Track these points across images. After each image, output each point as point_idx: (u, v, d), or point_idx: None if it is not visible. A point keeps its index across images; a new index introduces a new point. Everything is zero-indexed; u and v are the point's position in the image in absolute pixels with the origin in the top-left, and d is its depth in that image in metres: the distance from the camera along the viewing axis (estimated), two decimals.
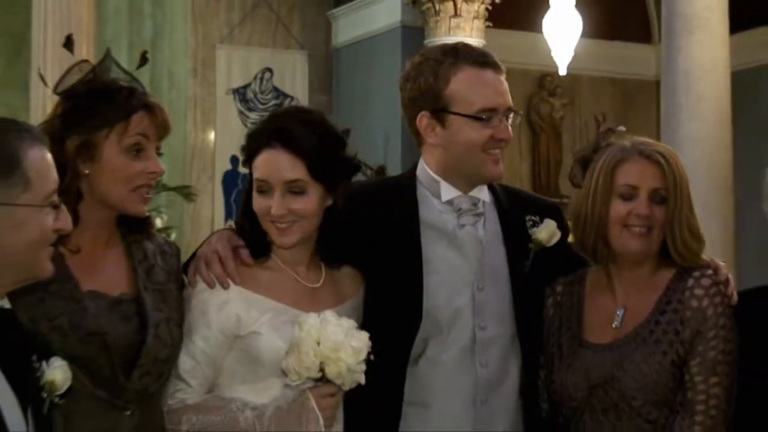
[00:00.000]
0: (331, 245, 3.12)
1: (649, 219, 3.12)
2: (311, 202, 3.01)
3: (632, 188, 3.12)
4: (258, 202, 3.03)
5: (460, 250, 3.24)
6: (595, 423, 3.12)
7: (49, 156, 2.39)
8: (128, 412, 2.87)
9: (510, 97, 3.31)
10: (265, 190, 3.02)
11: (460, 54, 3.33)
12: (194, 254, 3.12)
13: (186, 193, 11.72)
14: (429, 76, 3.27)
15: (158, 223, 10.84)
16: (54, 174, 2.39)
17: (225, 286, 2.99)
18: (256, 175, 3.04)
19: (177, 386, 2.98)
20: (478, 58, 3.33)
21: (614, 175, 3.14)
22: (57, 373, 2.57)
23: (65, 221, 2.39)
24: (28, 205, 2.31)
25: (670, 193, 3.12)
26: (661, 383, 3.06)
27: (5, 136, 2.34)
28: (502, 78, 3.31)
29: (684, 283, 3.11)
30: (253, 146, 3.06)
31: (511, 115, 3.31)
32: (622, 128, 3.30)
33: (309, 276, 3.10)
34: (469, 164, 3.24)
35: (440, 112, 3.25)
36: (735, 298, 3.11)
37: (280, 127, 3.09)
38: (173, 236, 10.10)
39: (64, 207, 2.39)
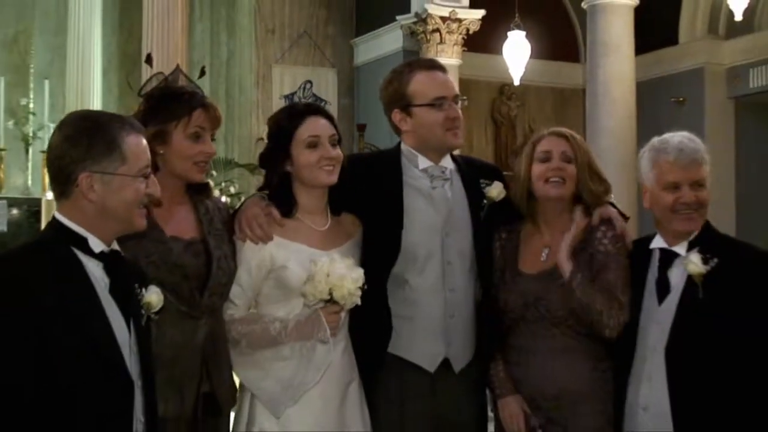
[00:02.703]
0: (338, 197, 3.12)
1: (562, 171, 3.11)
2: (341, 152, 3.07)
3: (547, 153, 3.13)
4: (310, 156, 3.01)
5: (433, 205, 3.22)
6: (528, 331, 3.12)
7: (143, 141, 2.40)
8: (202, 321, 2.89)
9: (456, 88, 3.30)
10: (316, 144, 3.01)
11: (414, 64, 3.37)
12: (239, 209, 3.11)
13: (251, 168, 11.72)
14: (395, 83, 3.29)
15: (231, 189, 10.88)
16: (146, 154, 2.39)
17: (265, 243, 2.99)
18: (306, 133, 3.02)
19: (228, 307, 2.99)
20: (427, 64, 3.36)
21: (535, 148, 3.15)
22: (153, 296, 2.59)
23: (154, 188, 2.40)
24: (124, 174, 2.32)
25: (576, 153, 3.13)
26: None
27: (111, 126, 2.35)
28: (448, 76, 3.31)
29: (594, 234, 3.10)
30: (295, 119, 3.04)
31: (460, 101, 3.29)
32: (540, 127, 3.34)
33: (319, 222, 3.08)
34: (436, 140, 3.23)
35: (407, 107, 3.25)
36: (629, 243, 3.11)
37: (310, 104, 3.23)
38: (243, 198, 10.10)
39: (154, 177, 2.40)
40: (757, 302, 2.82)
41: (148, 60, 3.50)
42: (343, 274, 2.79)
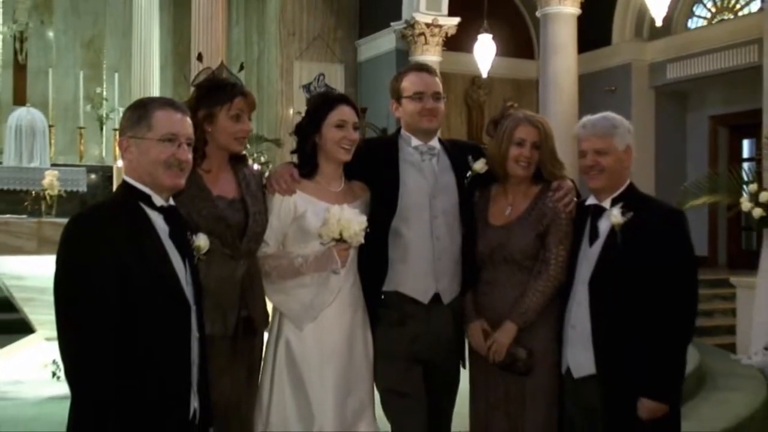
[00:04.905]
0: (350, 168, 3.11)
1: (530, 158, 3.09)
2: (358, 135, 3.07)
3: (522, 140, 3.09)
4: (336, 134, 2.99)
5: (422, 174, 3.20)
6: (493, 269, 3.13)
7: (175, 115, 2.34)
8: (241, 262, 2.89)
9: (438, 87, 3.23)
10: (343, 125, 3.00)
11: (410, 67, 3.35)
12: (272, 175, 3.10)
13: (277, 142, 11.71)
14: (394, 81, 3.28)
15: (262, 159, 10.88)
16: (176, 126, 2.33)
17: (290, 195, 2.99)
18: (336, 117, 3.00)
19: (262, 246, 2.99)
20: (417, 67, 3.34)
21: (513, 133, 3.10)
22: (201, 241, 2.60)
23: (184, 155, 2.34)
24: (150, 138, 2.29)
25: (543, 144, 3.10)
26: (530, 247, 3.07)
27: (150, 104, 2.34)
28: (432, 76, 3.25)
29: (545, 195, 3.10)
30: (330, 104, 3.04)
31: (441, 98, 3.24)
32: (516, 105, 3.26)
33: (335, 185, 3.08)
34: (415, 123, 3.21)
35: (398, 99, 3.24)
36: (573, 205, 3.09)
37: (342, 95, 3.17)
38: (270, 166, 10.10)
39: (185, 147, 2.34)
40: (660, 245, 2.84)
41: (199, 57, 3.44)
42: (350, 219, 2.80)
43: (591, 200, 3.04)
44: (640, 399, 2.81)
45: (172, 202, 2.38)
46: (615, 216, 2.88)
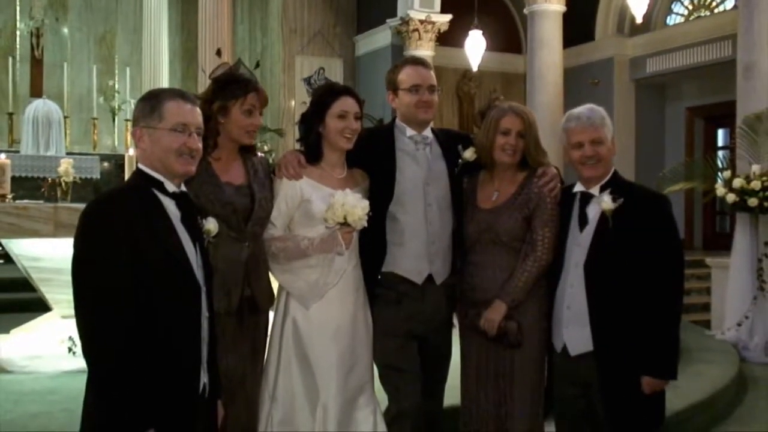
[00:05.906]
0: (350, 156, 3.08)
1: (515, 146, 3.07)
2: (360, 125, 3.04)
3: (508, 130, 3.07)
4: (338, 124, 2.97)
5: (417, 163, 3.18)
6: (481, 250, 3.12)
7: (185, 105, 2.31)
8: (246, 244, 2.88)
9: (433, 80, 3.21)
10: (345, 116, 2.97)
11: (406, 60, 3.32)
12: (280, 161, 3.08)
13: (279, 132, 11.68)
14: (391, 73, 3.25)
15: (265, 148, 10.88)
16: (186, 116, 2.31)
17: (296, 180, 2.97)
18: (339, 108, 2.97)
19: (269, 228, 2.98)
20: (413, 60, 3.30)
21: (499, 122, 3.08)
22: (211, 225, 2.58)
23: (194, 144, 2.32)
24: (162, 128, 2.27)
25: (527, 133, 3.08)
26: (517, 229, 3.06)
27: (161, 95, 2.32)
28: (428, 70, 3.22)
29: (531, 180, 3.09)
30: (333, 95, 3.00)
31: (436, 90, 3.22)
32: (501, 97, 3.24)
33: (338, 172, 3.05)
34: (411, 115, 3.19)
35: (395, 90, 3.21)
36: (558, 190, 3.08)
37: (346, 87, 3.11)
38: (273, 155, 10.09)
39: (195, 136, 2.32)
40: (649, 228, 2.84)
41: (218, 53, 3.44)
42: (354, 204, 2.78)
43: (578, 187, 3.02)
44: (642, 377, 2.83)
45: (183, 188, 2.37)
46: (606, 202, 2.87)
